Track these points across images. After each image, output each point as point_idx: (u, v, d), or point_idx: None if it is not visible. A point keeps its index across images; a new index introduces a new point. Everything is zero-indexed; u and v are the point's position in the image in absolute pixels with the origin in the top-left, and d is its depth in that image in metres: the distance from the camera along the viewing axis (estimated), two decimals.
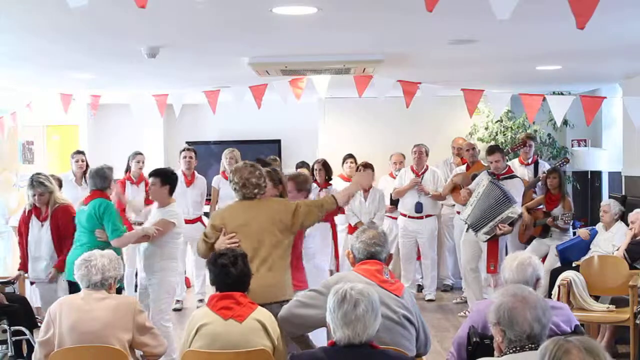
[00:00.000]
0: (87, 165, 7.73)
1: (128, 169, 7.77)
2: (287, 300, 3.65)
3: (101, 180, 5.44)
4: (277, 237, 3.98)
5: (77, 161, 7.64)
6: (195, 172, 7.94)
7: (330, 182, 7.77)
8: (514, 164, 7.97)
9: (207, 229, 4.16)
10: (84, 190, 7.61)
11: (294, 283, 4.12)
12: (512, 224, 6.69)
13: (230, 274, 3.43)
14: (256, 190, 4.08)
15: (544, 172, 7.53)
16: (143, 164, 7.73)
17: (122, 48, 5.41)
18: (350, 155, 8.27)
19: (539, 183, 7.63)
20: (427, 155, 8.05)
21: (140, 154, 7.84)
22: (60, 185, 6.78)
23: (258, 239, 3.96)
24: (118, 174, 7.83)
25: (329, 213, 4.49)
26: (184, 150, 8.00)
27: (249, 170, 4.09)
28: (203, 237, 4.16)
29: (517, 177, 7.14)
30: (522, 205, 7.55)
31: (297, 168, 8.36)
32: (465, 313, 7.13)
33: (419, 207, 7.84)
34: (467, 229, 7.04)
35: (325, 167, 7.75)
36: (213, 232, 4.09)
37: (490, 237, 6.71)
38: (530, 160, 7.97)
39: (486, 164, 7.64)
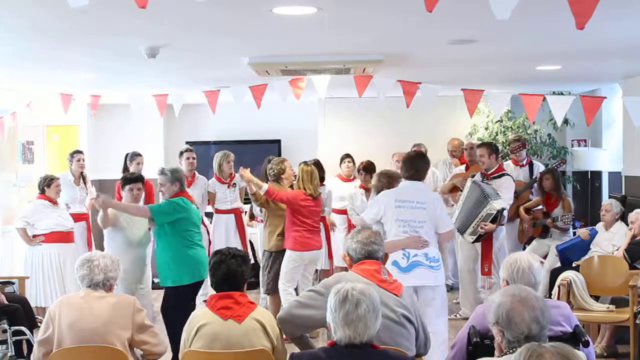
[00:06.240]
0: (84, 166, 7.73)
1: (126, 170, 7.56)
2: None
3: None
4: None
5: (78, 160, 7.58)
6: (196, 173, 7.64)
7: (323, 182, 7.76)
8: (509, 165, 7.92)
9: None
10: (81, 191, 7.61)
11: None
12: (494, 220, 6.42)
13: (217, 272, 3.45)
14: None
15: (540, 173, 7.49)
16: (142, 165, 7.60)
17: (122, 48, 5.41)
18: (348, 155, 8.24)
19: (535, 184, 7.58)
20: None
21: (139, 155, 7.72)
22: (49, 185, 6.74)
23: None
24: (116, 174, 7.83)
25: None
26: (185, 151, 7.66)
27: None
28: None
29: (508, 175, 6.88)
30: (518, 206, 7.54)
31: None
32: (456, 316, 7.07)
33: None
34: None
35: (318, 167, 7.73)
36: None
37: (476, 238, 6.58)
38: (524, 162, 7.87)
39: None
